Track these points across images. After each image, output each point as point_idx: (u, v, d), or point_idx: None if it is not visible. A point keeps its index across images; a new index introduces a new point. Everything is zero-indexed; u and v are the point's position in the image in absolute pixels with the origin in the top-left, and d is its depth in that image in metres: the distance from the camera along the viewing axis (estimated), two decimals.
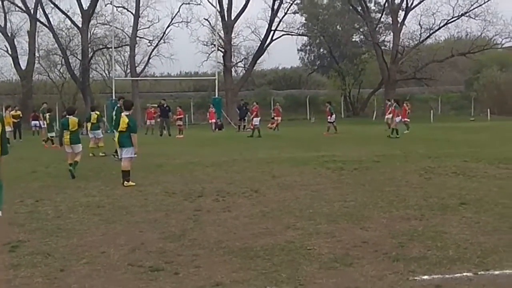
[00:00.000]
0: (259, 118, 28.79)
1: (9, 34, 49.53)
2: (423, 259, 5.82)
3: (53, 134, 24.21)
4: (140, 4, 49.69)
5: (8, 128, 26.20)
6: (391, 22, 54.97)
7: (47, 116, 24.94)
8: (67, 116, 14.34)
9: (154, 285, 5.33)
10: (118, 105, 18.15)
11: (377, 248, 6.28)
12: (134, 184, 11.66)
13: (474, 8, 50.31)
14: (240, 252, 6.30)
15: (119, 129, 12.44)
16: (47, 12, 48.80)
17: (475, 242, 6.40)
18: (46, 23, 48.63)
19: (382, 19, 57.77)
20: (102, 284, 5.40)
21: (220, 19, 50.23)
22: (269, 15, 52.28)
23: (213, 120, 36.82)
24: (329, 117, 29.64)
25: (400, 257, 5.89)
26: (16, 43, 50.06)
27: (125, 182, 11.71)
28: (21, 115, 29.88)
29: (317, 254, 6.13)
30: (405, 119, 27.95)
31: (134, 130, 12.25)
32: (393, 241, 6.59)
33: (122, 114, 12.58)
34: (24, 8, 48.17)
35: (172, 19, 51.59)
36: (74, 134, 13.78)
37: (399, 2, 53.20)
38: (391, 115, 27.01)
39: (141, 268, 5.81)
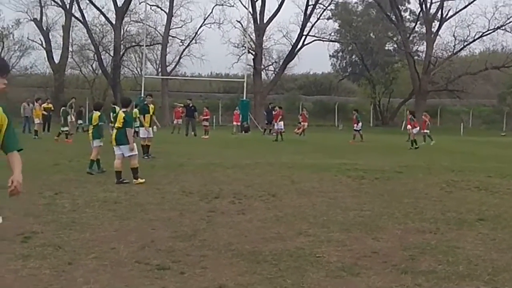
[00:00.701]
0: (282, 123, 28.82)
1: (45, 28, 50.46)
2: (432, 273, 5.71)
3: (66, 128, 24.57)
4: (174, 4, 50.19)
5: (37, 120, 26.65)
6: (425, 32, 54.47)
7: (61, 110, 25.28)
8: (93, 111, 14.52)
9: (158, 284, 5.32)
10: (145, 102, 18.29)
11: (386, 259, 6.19)
12: (143, 181, 11.68)
13: (510, 22, 49.65)
14: (248, 256, 6.27)
15: (115, 126, 12.35)
16: (82, 8, 49.71)
17: (488, 259, 6.27)
18: (81, 19, 49.42)
19: (416, 29, 57.35)
20: (108, 279, 5.41)
21: (252, 21, 50.44)
22: (302, 19, 52.30)
23: (238, 123, 36.88)
24: (355, 125, 29.51)
25: (409, 270, 5.79)
26: (50, 37, 51.07)
27: (134, 180, 11.70)
28: (52, 108, 30.32)
29: (325, 262, 6.07)
30: (424, 131, 27.67)
31: (130, 125, 12.20)
32: (404, 253, 6.48)
33: (120, 110, 12.60)
34: (60, 3, 49.01)
35: (204, 20, 52.08)
36: (95, 128, 13.88)
37: (434, 12, 52.68)
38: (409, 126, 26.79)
39: (148, 266, 5.81)
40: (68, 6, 49.26)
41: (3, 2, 51.93)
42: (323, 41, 55.33)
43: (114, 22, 49.49)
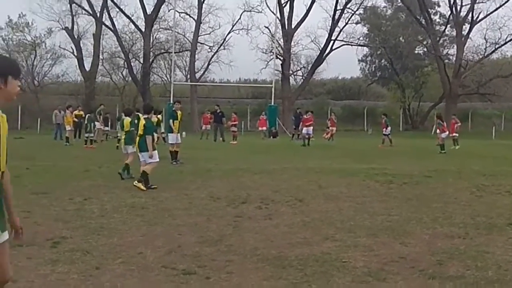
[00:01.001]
0: (311, 128, 28.78)
1: (76, 36, 51.33)
2: (460, 278, 5.63)
3: (91, 134, 24.96)
4: (202, 11, 50.56)
5: (68, 127, 27.06)
6: (455, 35, 53.83)
7: (86, 117, 25.66)
8: (123, 117, 14.68)
9: None
10: (174, 108, 18.42)
11: (414, 265, 6.12)
12: (144, 188, 11.50)
13: None
14: (274, 261, 6.26)
15: (138, 133, 12.41)
16: (112, 16, 50.48)
17: None
18: (111, 27, 50.16)
19: (446, 32, 56.72)
20: (134, 284, 5.46)
21: (280, 27, 50.44)
22: (330, 24, 52.16)
23: (264, 128, 36.84)
24: (384, 129, 29.30)
25: (437, 275, 5.72)
26: (81, 45, 51.96)
27: (136, 182, 11.68)
28: (83, 115, 30.73)
29: (351, 267, 6.03)
30: (453, 134, 27.38)
31: (149, 132, 12.16)
32: (432, 258, 6.40)
33: (141, 117, 12.65)
34: (90, 12, 49.84)
35: (233, 26, 52.36)
36: (128, 134, 14.02)
37: (464, 15, 52.05)
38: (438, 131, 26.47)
39: (174, 271, 5.84)
40: (98, 15, 50.03)
41: (36, 11, 52.99)
42: (351, 45, 55.13)
43: (143, 30, 50.06)
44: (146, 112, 12.75)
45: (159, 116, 20.10)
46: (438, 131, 26.11)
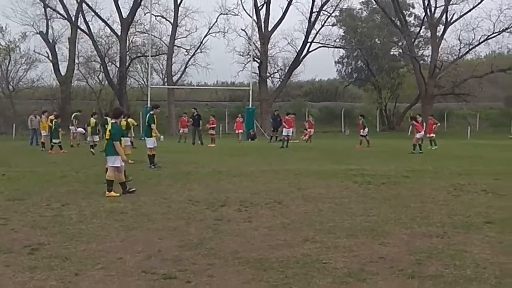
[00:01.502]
0: (291, 130, 28.89)
1: (51, 41, 50.80)
2: (439, 277, 5.69)
3: (57, 140, 24.62)
4: (179, 14, 50.43)
5: (44, 133, 26.77)
6: (430, 36, 54.43)
7: (54, 123, 25.36)
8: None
9: None
10: (152, 112, 18.32)
11: (393, 265, 6.17)
12: (117, 195, 11.29)
13: None
14: (255, 263, 6.26)
15: (106, 137, 12.12)
16: (87, 20, 50.05)
17: (496, 262, 6.24)
18: (86, 31, 49.74)
19: (421, 33, 57.30)
20: None
21: (257, 29, 50.52)
22: (306, 27, 52.39)
23: (241, 131, 36.85)
24: (361, 130, 29.48)
25: (416, 275, 5.77)
26: (56, 49, 51.40)
27: (107, 192, 11.38)
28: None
29: (331, 268, 6.05)
30: (431, 135, 27.74)
31: (115, 138, 11.75)
32: (411, 258, 6.46)
33: (110, 121, 12.36)
34: (65, 16, 49.39)
35: (209, 29, 52.28)
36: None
37: (438, 16, 52.64)
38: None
39: (155, 275, 5.82)
40: (73, 19, 49.59)
41: (9, 16, 52.37)
42: (328, 47, 55.42)
43: (119, 34, 49.75)
44: (114, 117, 12.32)
45: (130, 119, 19.96)
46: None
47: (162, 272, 5.93)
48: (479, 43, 51.99)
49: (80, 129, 29.86)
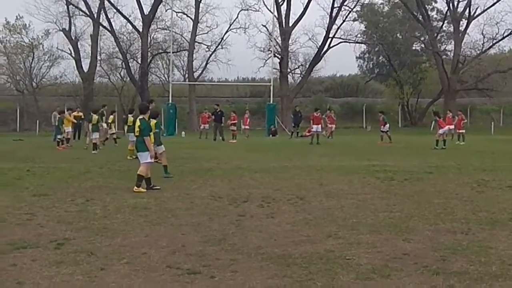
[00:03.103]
0: (318, 126, 28.79)
1: (73, 38, 51.25)
2: (464, 274, 5.65)
3: (60, 136, 24.93)
4: (200, 10, 50.46)
5: (68, 129, 26.99)
6: (452, 31, 53.85)
7: (58, 118, 25.63)
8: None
9: None
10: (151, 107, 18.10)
11: (417, 261, 6.14)
12: (144, 190, 11.40)
13: None
14: (278, 259, 6.28)
15: (135, 134, 12.18)
16: (109, 17, 50.37)
17: None
18: (108, 27, 50.09)
19: (443, 28, 56.70)
20: (139, 284, 5.48)
21: (277, 25, 50.38)
22: (327, 22, 52.14)
23: (247, 126, 36.49)
24: (382, 126, 29.28)
25: (441, 271, 5.74)
26: (79, 46, 51.83)
27: (135, 188, 11.46)
28: (82, 116, 30.70)
29: (355, 264, 6.05)
30: (460, 130, 27.64)
31: (145, 134, 11.85)
32: (435, 254, 6.43)
33: (138, 117, 12.31)
34: (88, 13, 49.78)
35: (230, 25, 52.32)
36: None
37: (461, 10, 52.04)
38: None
39: (179, 270, 5.86)
40: (95, 16, 49.94)
41: (33, 13, 52.69)
42: (349, 43, 55.11)
43: (141, 30, 50.01)
44: (141, 112, 12.37)
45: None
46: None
47: (186, 267, 5.97)
48: (503, 38, 51.35)
49: (103, 124, 30.08)
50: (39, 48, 50.72)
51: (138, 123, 12.03)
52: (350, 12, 53.53)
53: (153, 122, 13.35)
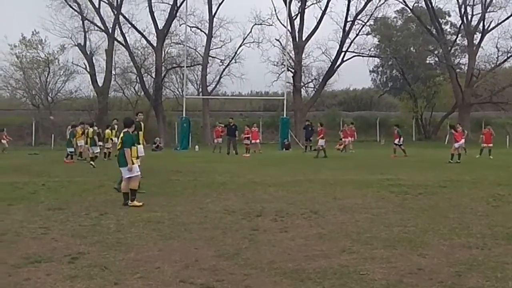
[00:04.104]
0: (324, 140, 28.66)
1: (88, 52, 51.74)
2: None
3: (72, 149, 25.17)
4: (213, 25, 50.77)
5: (80, 143, 27.14)
6: (466, 44, 53.72)
7: (70, 132, 25.86)
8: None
9: None
10: (137, 119, 17.97)
11: (432, 276, 6.08)
12: (140, 204, 11.33)
13: None
14: (292, 274, 6.25)
15: (118, 147, 12.08)
16: (124, 32, 50.80)
17: None
18: (123, 42, 50.51)
19: (457, 41, 56.59)
20: None
21: (291, 39, 50.52)
22: (340, 36, 52.22)
23: (257, 140, 35.44)
24: (396, 140, 29.21)
25: (456, 287, 5.69)
26: (94, 61, 52.30)
27: (130, 202, 11.41)
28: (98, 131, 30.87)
29: (369, 280, 6.00)
30: (489, 144, 27.85)
31: (126, 145, 11.69)
32: (451, 269, 6.36)
33: (122, 131, 12.17)
34: (103, 28, 50.27)
35: (244, 40, 52.53)
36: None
37: (475, 24, 51.92)
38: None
39: (192, 285, 5.86)
40: (110, 31, 50.42)
41: (48, 28, 53.48)
42: (362, 56, 55.09)
43: (155, 45, 50.38)
44: (126, 126, 12.15)
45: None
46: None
47: (200, 282, 5.96)
48: None
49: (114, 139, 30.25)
50: (54, 63, 51.30)
51: (121, 135, 11.95)
52: (363, 26, 53.61)
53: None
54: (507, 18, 50.51)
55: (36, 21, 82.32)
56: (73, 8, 49.74)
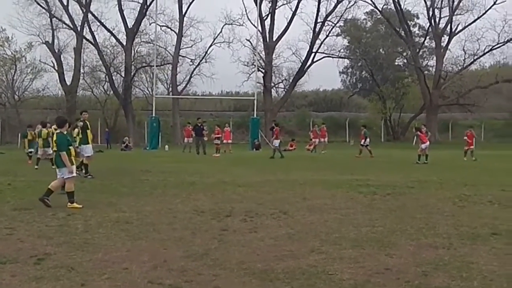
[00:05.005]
0: (279, 140, 28.78)
1: (56, 50, 51.15)
2: None
3: (31, 150, 24.16)
4: (184, 24, 50.73)
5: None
6: (434, 46, 54.61)
7: (30, 134, 25.00)
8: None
9: None
10: (82, 118, 17.79)
11: (399, 276, 6.14)
12: (80, 206, 11.01)
13: None
14: (261, 274, 6.25)
15: (52, 148, 11.66)
16: (93, 30, 50.41)
17: (503, 274, 6.21)
18: (92, 41, 50.08)
19: (425, 44, 57.46)
20: None
21: (261, 40, 50.65)
22: (311, 37, 52.53)
23: (229, 140, 35.76)
24: (363, 140, 29.54)
25: (423, 286, 5.75)
26: (62, 59, 51.78)
27: (69, 204, 11.10)
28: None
29: (338, 280, 6.04)
30: (471, 147, 27.48)
31: (61, 149, 11.26)
32: (418, 269, 6.44)
33: (56, 132, 11.79)
34: (71, 26, 49.76)
35: (214, 39, 52.57)
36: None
37: (443, 27, 52.77)
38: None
39: (161, 286, 5.81)
40: (79, 29, 49.93)
41: (15, 26, 52.68)
42: (332, 57, 55.60)
43: (124, 43, 50.03)
44: (58, 126, 11.76)
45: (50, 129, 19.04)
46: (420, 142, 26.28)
47: (168, 282, 5.92)
48: (484, 54, 52.23)
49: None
50: (21, 60, 50.62)
51: (54, 137, 11.59)
52: (333, 27, 54.16)
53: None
54: (474, 21, 51.62)
55: (3, 18, 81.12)
56: (41, 6, 49.13)
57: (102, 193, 13.29)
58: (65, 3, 49.27)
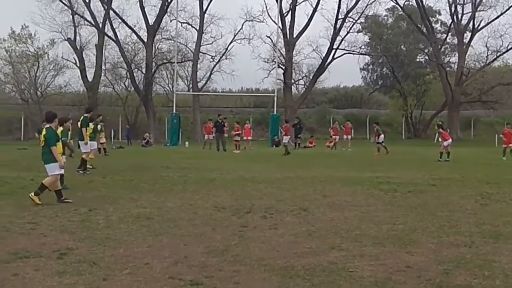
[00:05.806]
0: (288, 137, 28.86)
1: (78, 47, 51.57)
2: (468, 287, 5.62)
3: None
4: (204, 21, 50.76)
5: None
6: (456, 43, 54.01)
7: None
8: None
9: None
10: (86, 115, 18.05)
11: (420, 274, 6.11)
12: (40, 202, 10.86)
13: None
14: (281, 271, 6.25)
15: (41, 145, 11.60)
16: (114, 27, 50.72)
17: None
18: (113, 37, 50.37)
19: (447, 40, 56.86)
20: None
21: (282, 36, 50.57)
22: (331, 33, 52.30)
23: (249, 137, 35.77)
24: (376, 137, 29.41)
25: (444, 284, 5.71)
26: (84, 56, 52.18)
27: (32, 194, 11.03)
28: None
29: (358, 277, 6.02)
30: (510, 145, 26.25)
31: (51, 143, 11.26)
32: (439, 267, 6.39)
33: (45, 127, 11.70)
34: (93, 23, 50.09)
35: (234, 36, 52.50)
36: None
37: (465, 23, 52.21)
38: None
39: (181, 282, 5.84)
40: (101, 26, 50.26)
41: (38, 23, 53.37)
42: (353, 54, 55.27)
43: (145, 40, 50.26)
44: (47, 121, 11.68)
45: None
46: (440, 139, 26.01)
47: (189, 278, 5.95)
48: (507, 50, 51.51)
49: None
50: (44, 57, 51.10)
51: (43, 132, 11.55)
52: (354, 23, 53.79)
53: (59, 129, 12.63)
54: (497, 18, 50.94)
55: (26, 16, 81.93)
56: (63, 3, 49.57)
57: (123, 189, 13.39)
58: (87, 0, 49.65)
